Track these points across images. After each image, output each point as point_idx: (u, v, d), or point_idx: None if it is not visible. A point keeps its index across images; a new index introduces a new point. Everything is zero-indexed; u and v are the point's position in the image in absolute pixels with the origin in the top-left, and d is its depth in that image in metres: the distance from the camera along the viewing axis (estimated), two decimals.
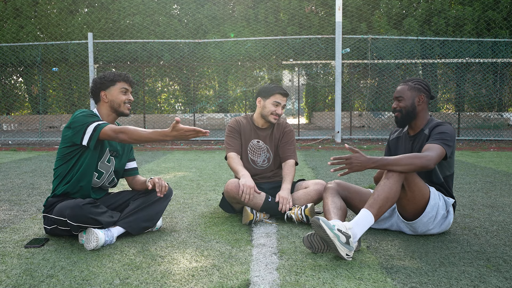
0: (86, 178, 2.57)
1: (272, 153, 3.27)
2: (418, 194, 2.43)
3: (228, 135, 3.25)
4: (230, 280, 1.95)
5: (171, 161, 6.68)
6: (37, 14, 15.05)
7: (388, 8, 14.10)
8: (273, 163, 3.27)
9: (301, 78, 15.13)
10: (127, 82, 2.67)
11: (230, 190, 2.91)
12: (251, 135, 3.25)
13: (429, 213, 2.48)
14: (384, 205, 2.29)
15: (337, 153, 7.75)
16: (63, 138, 2.54)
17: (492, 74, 12.34)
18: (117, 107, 2.63)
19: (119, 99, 2.63)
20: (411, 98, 2.63)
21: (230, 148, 3.20)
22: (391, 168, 2.33)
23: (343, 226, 2.17)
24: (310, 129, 14.57)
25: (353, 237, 2.17)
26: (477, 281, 1.94)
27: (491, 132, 10.72)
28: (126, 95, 2.66)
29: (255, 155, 3.24)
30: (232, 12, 15.03)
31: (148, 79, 15.86)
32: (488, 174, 5.13)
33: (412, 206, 2.47)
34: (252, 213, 2.89)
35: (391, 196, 2.30)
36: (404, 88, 2.66)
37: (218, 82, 16.12)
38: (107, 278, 1.98)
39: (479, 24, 13.53)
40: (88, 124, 2.44)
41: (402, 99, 2.64)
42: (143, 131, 2.36)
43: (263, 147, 3.25)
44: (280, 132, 3.29)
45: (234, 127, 3.25)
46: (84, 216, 2.35)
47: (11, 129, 15.55)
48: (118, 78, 2.64)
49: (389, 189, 2.30)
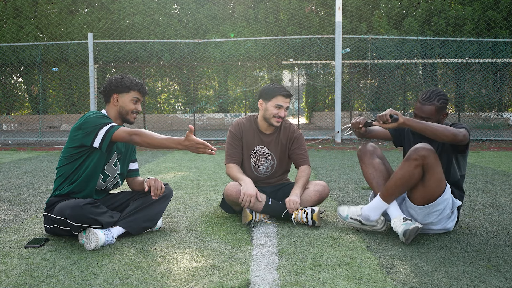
0: (92, 180, 2.56)
1: (277, 159, 3.13)
2: (436, 183, 2.45)
3: (228, 143, 3.11)
4: (230, 280, 1.95)
5: (171, 161, 6.68)
6: (37, 14, 15.06)
7: (388, 8, 14.10)
8: (276, 171, 3.16)
9: (301, 78, 15.14)
10: (141, 93, 2.67)
11: (230, 195, 2.87)
12: (254, 141, 3.11)
13: (439, 205, 2.48)
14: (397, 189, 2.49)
15: (337, 153, 7.75)
16: (72, 138, 2.50)
17: (492, 74, 12.34)
18: (124, 114, 2.63)
19: (128, 107, 2.62)
20: (438, 117, 2.61)
21: (229, 158, 3.08)
22: (423, 129, 2.41)
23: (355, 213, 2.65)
24: (310, 129, 14.57)
25: (365, 220, 2.62)
26: (477, 281, 1.94)
27: (491, 132, 10.72)
28: (136, 105, 2.65)
29: (258, 162, 3.11)
30: (232, 12, 15.03)
31: (148, 79, 15.86)
32: (488, 174, 5.13)
33: (425, 193, 2.48)
34: (251, 214, 2.88)
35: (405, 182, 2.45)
36: (432, 109, 2.58)
37: (218, 82, 16.13)
38: (107, 278, 1.98)
39: (479, 24, 13.53)
40: (100, 126, 2.42)
41: (430, 119, 2.60)
42: (158, 136, 2.34)
43: (267, 153, 3.11)
44: (287, 137, 3.14)
45: (235, 134, 3.11)
46: (84, 216, 2.35)
47: (11, 129, 15.55)
48: (134, 87, 2.63)
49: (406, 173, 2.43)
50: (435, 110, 2.58)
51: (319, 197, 2.98)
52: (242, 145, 3.11)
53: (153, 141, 2.34)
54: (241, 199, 2.81)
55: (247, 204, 2.81)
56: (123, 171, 2.74)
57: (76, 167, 2.52)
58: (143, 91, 2.68)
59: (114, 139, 2.42)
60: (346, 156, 7.18)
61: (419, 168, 2.40)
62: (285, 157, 3.17)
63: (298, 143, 3.13)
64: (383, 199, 2.55)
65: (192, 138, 2.24)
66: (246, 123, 3.15)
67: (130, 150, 2.82)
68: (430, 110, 2.58)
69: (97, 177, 2.57)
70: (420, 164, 2.39)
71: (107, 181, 2.65)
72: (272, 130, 3.12)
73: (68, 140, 2.54)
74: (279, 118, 3.00)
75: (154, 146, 2.36)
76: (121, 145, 2.72)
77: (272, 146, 3.12)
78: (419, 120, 2.55)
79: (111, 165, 2.63)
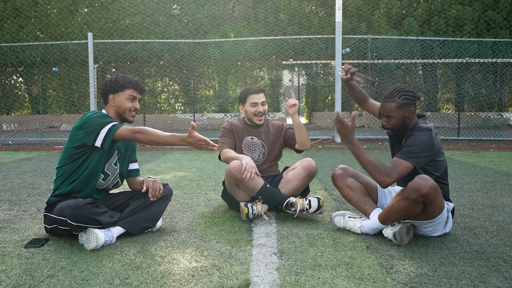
0: (93, 180, 2.56)
1: (267, 147, 3.32)
2: (436, 211, 2.43)
3: (221, 135, 3.30)
4: (230, 280, 1.95)
5: (171, 161, 6.68)
6: (37, 14, 15.05)
7: (388, 8, 14.09)
8: (268, 158, 3.32)
9: (301, 78, 15.14)
10: (136, 90, 2.65)
11: (233, 168, 2.91)
12: (244, 133, 3.32)
13: (437, 220, 2.48)
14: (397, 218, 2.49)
15: (337, 153, 7.76)
16: (72, 138, 2.50)
17: (492, 74, 12.34)
18: (122, 113, 2.62)
19: (125, 105, 2.61)
20: (401, 115, 2.54)
21: (222, 146, 3.23)
22: (356, 156, 2.48)
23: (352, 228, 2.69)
24: (310, 129, 14.56)
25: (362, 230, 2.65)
26: (477, 281, 1.94)
27: (491, 132, 10.72)
28: (133, 103, 2.64)
29: (250, 151, 3.29)
30: (232, 12, 15.03)
31: (148, 79, 15.86)
32: (488, 174, 5.12)
33: (425, 217, 2.47)
34: (246, 207, 2.90)
35: (405, 214, 2.45)
36: (392, 106, 2.54)
37: (218, 82, 16.13)
38: (107, 278, 1.98)
39: (479, 24, 13.53)
40: (102, 125, 2.42)
41: (392, 117, 2.56)
42: (161, 133, 2.35)
43: (258, 142, 3.31)
44: (277, 128, 3.38)
45: (226, 127, 3.32)
46: (84, 216, 2.35)
47: (11, 129, 15.55)
48: (128, 85, 2.62)
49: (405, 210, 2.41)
50: (395, 107, 2.53)
51: (308, 172, 3.05)
52: (234, 137, 3.29)
53: (157, 138, 2.35)
54: (244, 168, 2.82)
55: (248, 174, 2.80)
56: (122, 171, 2.74)
57: (77, 167, 2.52)
58: (138, 87, 2.65)
59: (116, 138, 2.42)
60: (346, 156, 7.18)
61: (420, 204, 2.36)
62: (276, 145, 3.35)
63: (291, 131, 3.33)
64: (381, 222, 2.55)
65: (194, 134, 2.28)
66: (236, 121, 3.38)
67: (130, 150, 2.82)
68: (390, 107, 2.54)
69: (97, 176, 2.57)
70: (421, 201, 2.35)
71: (107, 180, 2.65)
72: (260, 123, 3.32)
73: (68, 140, 2.54)
74: (259, 116, 3.22)
75: (157, 143, 2.37)
76: (121, 145, 2.72)
77: (262, 136, 3.32)
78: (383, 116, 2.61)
79: (111, 164, 2.63)
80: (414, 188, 2.30)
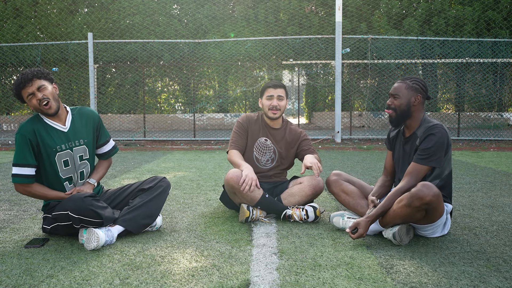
0: (58, 188, 2.63)
1: (278, 154, 3.22)
2: (438, 215, 2.44)
3: (234, 131, 3.22)
4: (230, 280, 1.95)
5: (171, 161, 6.68)
6: (37, 14, 15.05)
7: (388, 8, 14.09)
8: (276, 165, 3.23)
9: (301, 78, 15.14)
10: (27, 85, 2.43)
11: (231, 178, 2.86)
12: (259, 133, 3.21)
13: (435, 224, 2.48)
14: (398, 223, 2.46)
15: (337, 153, 7.75)
16: None
17: (492, 74, 12.33)
18: (37, 110, 2.52)
19: (31, 105, 2.49)
20: (408, 97, 2.57)
21: (232, 145, 3.17)
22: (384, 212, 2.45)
23: None
24: (310, 129, 14.56)
25: None
26: (477, 281, 1.94)
27: (491, 132, 10.71)
28: (34, 98, 2.46)
29: (260, 153, 3.20)
30: (232, 12, 15.03)
31: (148, 79, 15.86)
32: (488, 174, 5.12)
33: (426, 222, 2.47)
34: (248, 210, 2.89)
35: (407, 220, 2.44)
36: (401, 86, 2.59)
37: (218, 82, 16.12)
38: (107, 278, 1.98)
39: (479, 24, 13.52)
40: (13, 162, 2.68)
41: (398, 97, 2.58)
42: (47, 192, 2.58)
43: (270, 146, 3.21)
44: (294, 137, 3.24)
45: (242, 123, 3.22)
46: (85, 208, 2.37)
47: (11, 129, 15.55)
48: (18, 88, 2.45)
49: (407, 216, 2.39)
50: (404, 87, 2.58)
51: (313, 191, 3.01)
52: (247, 135, 3.21)
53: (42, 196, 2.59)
54: (242, 181, 2.80)
55: (247, 187, 2.79)
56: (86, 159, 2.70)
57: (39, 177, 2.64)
58: (26, 79, 2.41)
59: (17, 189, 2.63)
60: (346, 156, 7.18)
61: (422, 211, 2.36)
62: (288, 154, 3.24)
63: (306, 143, 3.23)
64: (381, 225, 2.55)
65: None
66: (254, 116, 3.28)
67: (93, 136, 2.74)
68: (399, 86, 2.60)
69: (61, 185, 2.62)
70: (424, 209, 2.34)
71: (74, 181, 2.67)
72: (278, 125, 3.24)
73: None
74: (274, 110, 3.12)
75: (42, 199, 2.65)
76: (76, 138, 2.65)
77: (277, 140, 3.21)
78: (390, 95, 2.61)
79: (63, 168, 2.61)
80: (418, 196, 2.29)
